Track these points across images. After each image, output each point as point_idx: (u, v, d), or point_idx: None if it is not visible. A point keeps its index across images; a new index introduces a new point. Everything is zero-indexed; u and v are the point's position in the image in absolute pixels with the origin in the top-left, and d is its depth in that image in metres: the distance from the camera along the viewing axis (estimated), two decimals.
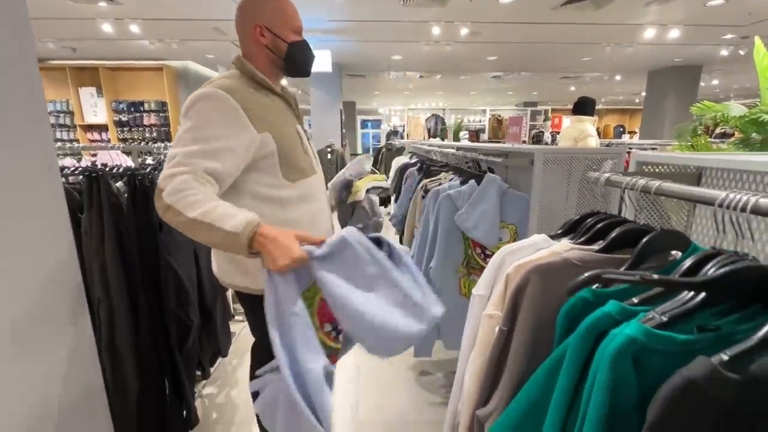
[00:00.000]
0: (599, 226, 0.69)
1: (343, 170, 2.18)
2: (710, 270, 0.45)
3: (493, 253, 1.60)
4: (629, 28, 4.66)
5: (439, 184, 1.77)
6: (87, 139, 6.06)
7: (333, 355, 0.93)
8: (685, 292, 0.47)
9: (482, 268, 1.62)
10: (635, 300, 0.48)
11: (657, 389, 0.39)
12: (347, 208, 2.13)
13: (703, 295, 0.45)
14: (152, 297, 1.37)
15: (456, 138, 8.24)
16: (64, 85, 5.76)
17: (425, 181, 1.96)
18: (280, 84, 1.16)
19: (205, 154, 0.91)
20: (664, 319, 0.43)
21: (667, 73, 7.03)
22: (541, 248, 0.72)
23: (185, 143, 0.92)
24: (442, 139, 7.35)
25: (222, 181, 0.94)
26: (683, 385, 0.36)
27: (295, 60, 1.10)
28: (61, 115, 5.93)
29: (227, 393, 1.94)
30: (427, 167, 2.24)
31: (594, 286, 0.57)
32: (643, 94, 7.92)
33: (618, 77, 8.17)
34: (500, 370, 0.66)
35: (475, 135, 7.54)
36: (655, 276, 0.43)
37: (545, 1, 3.76)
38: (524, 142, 5.49)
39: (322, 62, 5.32)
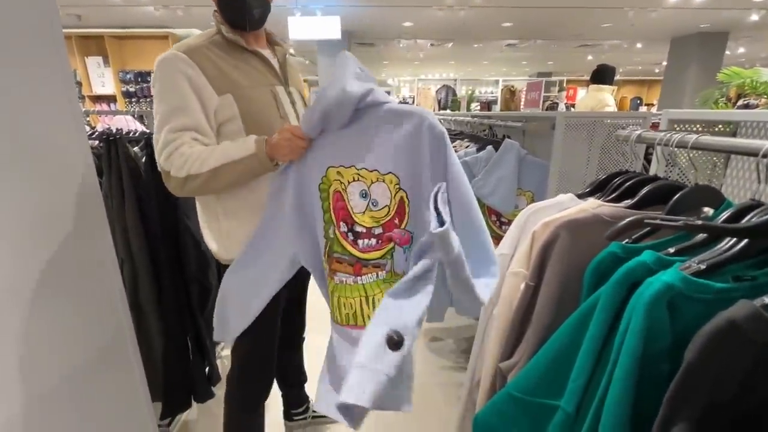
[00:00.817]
0: (628, 184, 0.68)
1: None
2: (753, 219, 0.45)
3: (509, 221, 1.60)
4: None
5: (455, 152, 1.74)
6: (95, 108, 6.04)
7: (357, 264, 0.86)
8: (722, 243, 0.46)
9: (497, 236, 1.62)
10: (671, 250, 0.48)
11: (690, 336, 0.39)
12: None
13: (741, 244, 0.44)
14: (173, 259, 1.40)
15: (468, 109, 8.07)
16: (70, 54, 5.66)
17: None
18: (258, 40, 1.04)
19: (184, 123, 0.90)
20: (702, 267, 0.43)
21: (691, 40, 6.70)
22: (567, 207, 0.71)
23: (161, 120, 0.91)
24: (453, 111, 7.19)
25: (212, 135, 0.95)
26: (725, 327, 0.36)
27: (224, 9, 0.97)
28: None
29: None
30: None
31: (625, 240, 0.57)
32: (664, 63, 7.59)
33: (639, 45, 7.82)
34: (524, 326, 0.67)
35: (486, 106, 7.35)
36: (699, 221, 0.42)
37: None
38: None
39: (331, 29, 5.15)
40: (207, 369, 1.56)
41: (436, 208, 0.68)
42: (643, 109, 10.18)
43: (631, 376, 0.43)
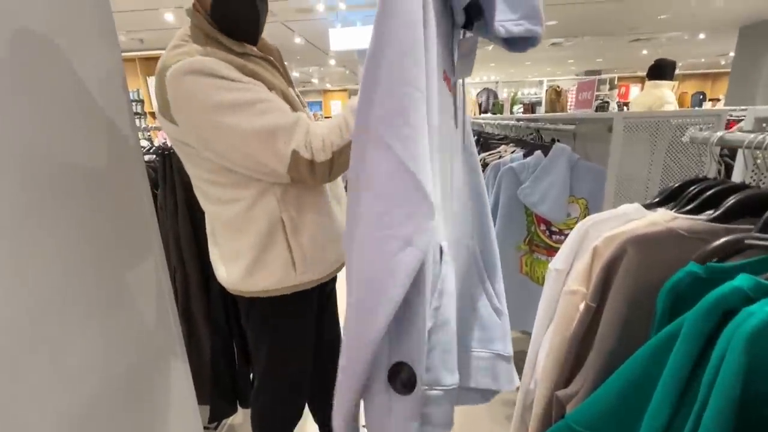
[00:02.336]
0: (709, 193, 0.60)
1: None
2: None
3: (560, 230, 1.50)
4: None
5: (500, 157, 1.67)
6: (155, 124, 6.56)
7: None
8: None
9: (547, 246, 1.53)
10: None
11: None
12: None
13: None
14: None
15: (511, 112, 7.82)
16: (134, 76, 6.21)
17: (483, 154, 1.87)
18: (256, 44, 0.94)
19: (280, 106, 0.81)
20: None
21: (763, 28, 6.05)
22: (632, 219, 0.64)
23: (256, 128, 0.77)
24: (494, 114, 6.99)
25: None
26: None
27: (223, 20, 0.84)
28: (134, 103, 6.45)
29: None
30: (485, 140, 2.13)
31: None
32: (731, 54, 6.92)
33: (701, 36, 7.19)
34: (584, 349, 0.61)
35: (530, 108, 7.06)
36: None
37: None
38: None
39: None
40: (252, 375, 1.60)
41: None
42: (707, 104, 9.33)
43: (726, 421, 0.37)
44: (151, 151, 1.47)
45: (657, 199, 0.67)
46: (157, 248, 0.87)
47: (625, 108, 7.29)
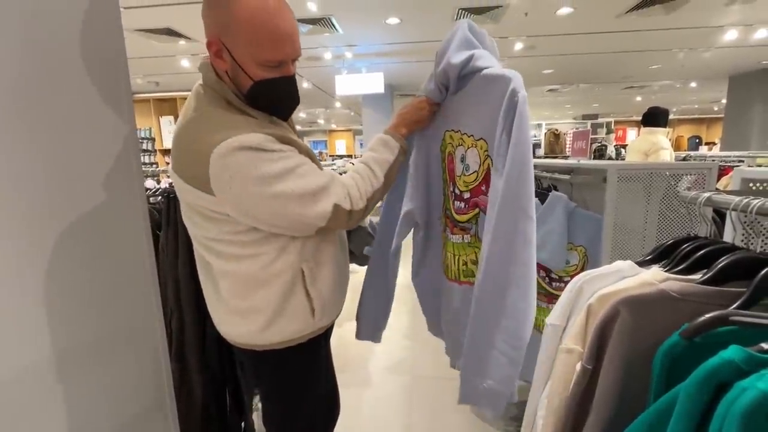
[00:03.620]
0: (701, 252, 0.60)
1: None
2: None
3: (559, 277, 1.49)
4: (705, 31, 4.27)
5: None
6: (165, 161, 6.73)
7: (453, 226, 0.98)
8: None
9: (547, 293, 1.51)
10: (765, 346, 0.40)
11: None
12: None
13: None
14: None
15: None
16: (147, 115, 6.48)
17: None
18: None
19: (314, 168, 0.85)
20: None
21: (752, 77, 6.31)
22: (626, 276, 0.65)
23: (302, 179, 0.80)
24: None
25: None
26: None
27: (259, 102, 0.83)
28: (145, 141, 6.67)
29: None
30: None
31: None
32: (723, 101, 7.16)
33: (693, 84, 7.49)
34: (582, 413, 0.59)
35: None
36: None
37: (607, 9, 3.58)
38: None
39: (375, 84, 5.48)
40: (243, 422, 1.53)
41: None
42: (703, 148, 9.52)
43: None
44: (157, 192, 1.51)
45: (650, 257, 0.67)
46: (154, 296, 0.87)
47: (622, 150, 7.43)
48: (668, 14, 3.63)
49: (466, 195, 0.92)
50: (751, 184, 0.72)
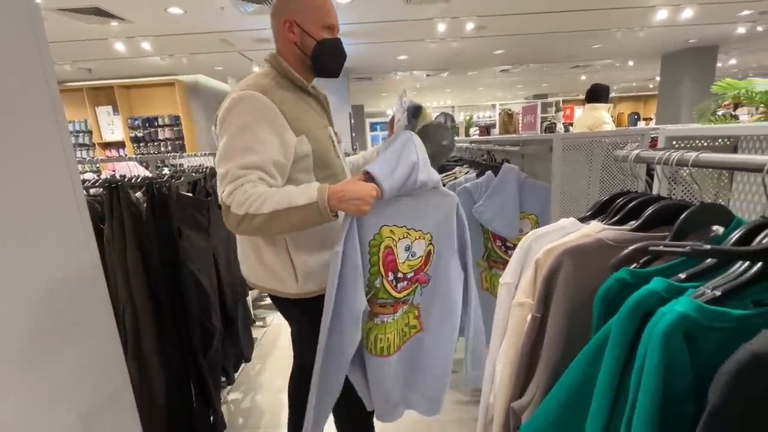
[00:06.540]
0: (631, 205, 0.66)
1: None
2: (764, 239, 0.42)
3: (515, 245, 1.56)
4: (640, 11, 4.54)
5: (455, 179, 1.74)
6: (105, 156, 6.22)
7: (395, 304, 1.07)
8: (737, 265, 0.44)
9: (504, 261, 1.58)
10: (682, 276, 0.45)
11: (713, 371, 0.36)
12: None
13: (758, 266, 0.41)
14: (175, 303, 1.38)
15: (467, 134, 8.17)
16: (81, 106, 5.93)
17: (440, 176, 1.93)
18: (312, 83, 1.11)
19: (253, 161, 0.90)
20: (717, 293, 0.40)
21: (681, 55, 6.82)
22: (569, 231, 0.69)
23: (229, 154, 0.91)
24: None
25: (282, 176, 0.96)
26: (749, 362, 0.32)
27: (322, 60, 1.05)
28: (81, 134, 6.11)
29: (252, 398, 1.95)
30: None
31: (632, 266, 0.54)
32: (658, 78, 7.70)
33: (630, 63, 7.97)
34: (535, 359, 0.63)
35: (485, 130, 7.44)
36: (707, 246, 0.40)
37: None
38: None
39: None
40: (212, 416, 1.50)
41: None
42: (641, 123, 10.24)
43: (653, 420, 0.39)
44: (97, 184, 1.40)
45: (589, 213, 0.72)
46: (102, 293, 0.82)
47: (570, 128, 7.84)
48: None
49: (410, 275, 1.07)
50: (674, 142, 0.79)
